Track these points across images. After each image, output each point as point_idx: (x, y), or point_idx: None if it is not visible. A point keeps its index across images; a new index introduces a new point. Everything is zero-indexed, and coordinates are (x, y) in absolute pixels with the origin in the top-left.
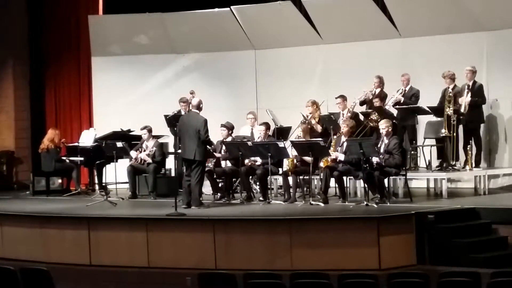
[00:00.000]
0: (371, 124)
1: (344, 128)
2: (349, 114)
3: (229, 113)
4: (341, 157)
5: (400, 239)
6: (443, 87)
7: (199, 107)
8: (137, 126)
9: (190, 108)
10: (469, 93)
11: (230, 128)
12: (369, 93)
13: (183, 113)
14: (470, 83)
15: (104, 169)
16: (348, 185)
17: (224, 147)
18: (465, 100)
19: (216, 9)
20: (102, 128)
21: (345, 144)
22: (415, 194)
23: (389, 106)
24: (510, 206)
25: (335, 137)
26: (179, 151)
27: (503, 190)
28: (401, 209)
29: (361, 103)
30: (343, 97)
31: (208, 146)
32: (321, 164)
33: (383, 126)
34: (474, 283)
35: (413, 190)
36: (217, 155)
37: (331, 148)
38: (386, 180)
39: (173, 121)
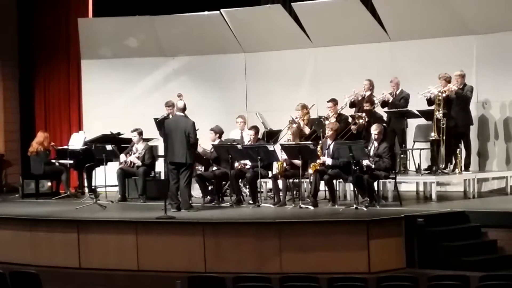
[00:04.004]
0: (358, 122)
1: (328, 132)
2: (333, 119)
3: (219, 117)
4: (329, 161)
5: (390, 242)
6: None
7: (184, 109)
8: (127, 129)
9: (175, 111)
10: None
11: (217, 132)
12: (359, 94)
13: (171, 116)
14: (461, 87)
15: (93, 172)
16: (337, 189)
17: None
18: (452, 88)
19: (206, 12)
20: (91, 131)
21: (331, 147)
22: (404, 197)
23: (377, 102)
24: (500, 209)
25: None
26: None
27: (492, 194)
28: (390, 213)
29: (351, 105)
30: (335, 101)
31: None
32: (310, 171)
33: (375, 132)
34: (463, 286)
35: (402, 194)
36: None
37: (318, 153)
38: (375, 184)
39: (162, 124)
